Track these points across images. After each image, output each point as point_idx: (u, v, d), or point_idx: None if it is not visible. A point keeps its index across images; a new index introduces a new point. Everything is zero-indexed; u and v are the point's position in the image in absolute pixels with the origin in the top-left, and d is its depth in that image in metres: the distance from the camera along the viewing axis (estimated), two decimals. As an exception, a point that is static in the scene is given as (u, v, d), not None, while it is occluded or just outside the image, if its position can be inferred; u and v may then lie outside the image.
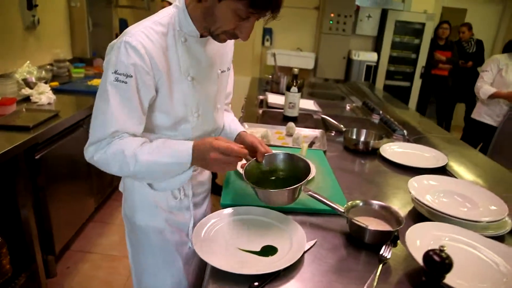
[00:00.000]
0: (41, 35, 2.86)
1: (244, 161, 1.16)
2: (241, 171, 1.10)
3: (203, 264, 1.16)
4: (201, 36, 1.00)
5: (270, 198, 1.05)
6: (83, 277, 2.19)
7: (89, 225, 2.64)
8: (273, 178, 1.14)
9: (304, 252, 0.95)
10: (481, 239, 0.95)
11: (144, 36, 0.91)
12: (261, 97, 2.72)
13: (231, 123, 1.25)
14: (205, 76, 1.06)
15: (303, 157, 1.13)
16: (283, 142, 1.73)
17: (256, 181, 1.09)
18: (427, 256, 0.72)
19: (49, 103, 2.21)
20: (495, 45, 5.93)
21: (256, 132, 1.85)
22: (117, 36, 1.70)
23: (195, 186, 1.18)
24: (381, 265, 0.90)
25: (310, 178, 1.26)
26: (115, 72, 0.89)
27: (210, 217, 1.05)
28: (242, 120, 2.16)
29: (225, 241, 0.97)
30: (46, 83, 2.45)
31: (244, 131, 1.22)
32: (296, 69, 2.04)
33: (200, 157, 0.94)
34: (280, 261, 0.89)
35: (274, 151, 1.16)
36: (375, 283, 0.85)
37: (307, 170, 1.09)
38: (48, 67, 2.82)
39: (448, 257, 0.71)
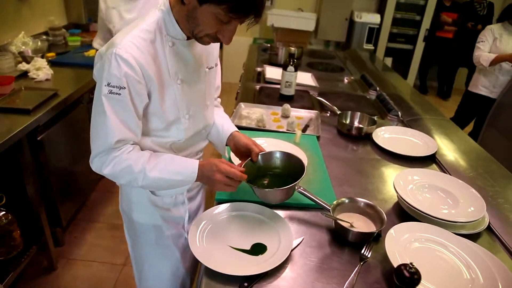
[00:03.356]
0: (34, 3, 2.79)
1: (239, 161, 1.22)
2: None
3: None
4: (187, 38, 1.02)
5: (266, 196, 1.13)
6: (89, 245, 2.33)
7: (93, 195, 2.75)
8: (270, 173, 1.21)
9: (292, 250, 1.02)
10: (455, 240, 1.03)
11: (134, 46, 0.93)
12: (259, 69, 2.71)
13: (224, 122, 1.28)
14: (193, 77, 1.09)
15: (297, 156, 1.19)
16: (278, 126, 1.77)
17: (253, 178, 1.16)
18: (398, 270, 0.80)
19: (47, 79, 2.22)
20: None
21: (253, 113, 1.88)
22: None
23: None
24: (360, 264, 0.99)
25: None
26: (108, 84, 0.92)
27: (201, 218, 1.11)
28: (239, 96, 2.18)
29: (217, 239, 1.05)
30: (42, 56, 2.43)
31: (236, 131, 1.25)
32: (292, 48, 2.03)
33: (204, 176, 1.03)
34: (268, 261, 0.97)
35: (270, 150, 1.22)
36: (354, 282, 0.94)
37: (301, 168, 1.15)
38: (43, 37, 2.78)
39: (416, 272, 0.78)
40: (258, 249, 1.02)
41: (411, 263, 0.79)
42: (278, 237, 1.06)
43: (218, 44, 1.19)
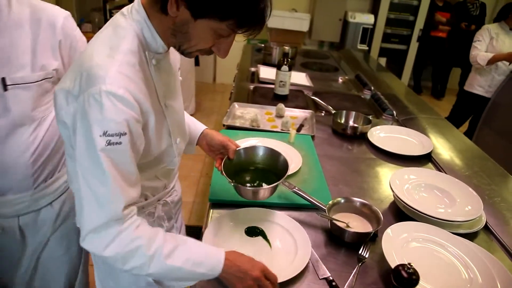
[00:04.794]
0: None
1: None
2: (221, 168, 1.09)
3: None
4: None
5: (247, 194, 1.07)
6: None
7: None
8: (252, 168, 1.16)
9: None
10: (453, 239, 1.01)
11: (125, 77, 0.74)
12: (252, 69, 2.69)
13: (189, 121, 1.16)
14: (174, 91, 0.97)
15: (280, 152, 1.15)
16: (272, 126, 1.75)
17: (233, 175, 1.10)
18: (396, 271, 0.78)
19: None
20: (495, 10, 5.74)
21: (247, 113, 1.86)
22: (104, 1, 1.36)
23: (174, 208, 1.17)
24: (359, 265, 0.97)
25: (290, 173, 1.29)
26: (105, 134, 0.71)
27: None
28: (233, 96, 2.16)
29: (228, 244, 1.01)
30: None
31: (207, 129, 1.18)
32: (287, 48, 2.01)
33: (230, 272, 0.83)
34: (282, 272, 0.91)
35: (253, 145, 1.18)
36: (353, 284, 0.92)
37: (284, 162, 1.11)
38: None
39: (414, 272, 0.76)
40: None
41: (409, 263, 0.77)
42: (295, 245, 1.01)
43: None
